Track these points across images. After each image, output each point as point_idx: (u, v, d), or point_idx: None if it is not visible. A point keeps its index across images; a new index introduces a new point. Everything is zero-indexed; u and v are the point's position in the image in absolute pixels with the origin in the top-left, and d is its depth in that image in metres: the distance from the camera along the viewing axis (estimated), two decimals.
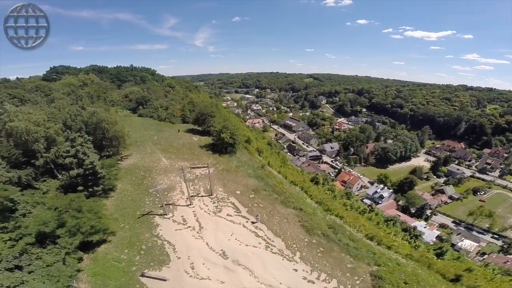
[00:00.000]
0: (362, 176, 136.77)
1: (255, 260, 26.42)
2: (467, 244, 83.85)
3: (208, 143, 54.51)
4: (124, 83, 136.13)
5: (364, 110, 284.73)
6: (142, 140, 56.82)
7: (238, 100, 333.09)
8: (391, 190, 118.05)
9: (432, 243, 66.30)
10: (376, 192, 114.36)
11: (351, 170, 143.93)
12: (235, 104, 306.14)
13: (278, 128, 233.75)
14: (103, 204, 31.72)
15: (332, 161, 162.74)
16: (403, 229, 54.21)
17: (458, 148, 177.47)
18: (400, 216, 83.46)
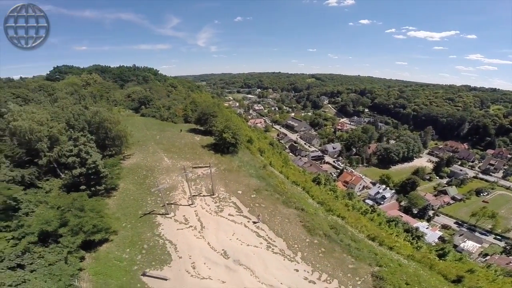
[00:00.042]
0: (364, 177, 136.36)
1: (256, 260, 26.41)
2: (469, 245, 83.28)
3: (210, 143, 54.63)
4: (127, 83, 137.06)
5: (366, 110, 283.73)
6: (145, 139, 57.05)
7: (240, 100, 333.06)
8: (393, 191, 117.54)
9: (434, 244, 66.05)
10: (378, 193, 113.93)
11: (353, 171, 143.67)
12: (237, 104, 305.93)
13: (280, 128, 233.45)
14: (106, 203, 31.87)
15: (334, 161, 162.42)
16: (405, 229, 54.01)
17: (461, 149, 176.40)
18: (402, 216, 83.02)
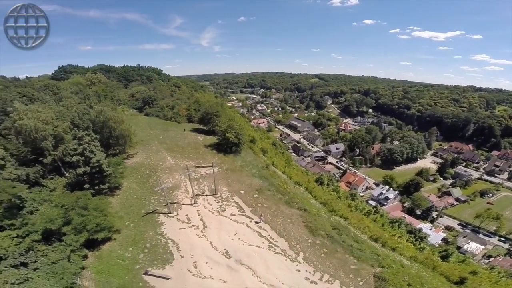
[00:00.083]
0: (367, 177, 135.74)
1: (258, 260, 26.45)
2: (473, 246, 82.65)
3: (213, 143, 54.75)
4: (131, 83, 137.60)
5: (370, 110, 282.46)
6: (148, 139, 57.33)
7: (243, 100, 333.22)
8: (397, 192, 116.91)
9: (438, 246, 65.63)
10: (381, 194, 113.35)
11: (357, 171, 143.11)
12: (240, 104, 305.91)
13: (283, 128, 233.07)
14: (109, 202, 31.98)
15: (337, 162, 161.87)
16: (408, 231, 53.75)
17: (466, 150, 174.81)
18: (405, 218, 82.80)
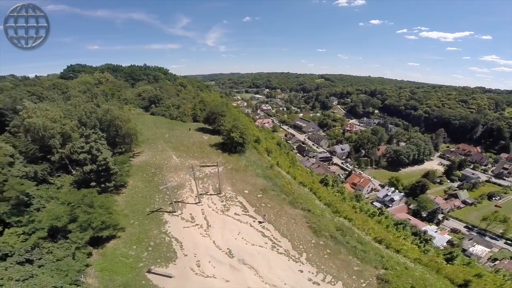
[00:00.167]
0: (373, 179, 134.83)
1: (261, 259, 26.48)
2: (478, 249, 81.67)
3: (218, 142, 54.95)
4: (138, 82, 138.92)
5: (376, 111, 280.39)
6: (154, 138, 57.82)
7: (248, 100, 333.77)
8: (402, 194, 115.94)
9: (443, 248, 64.98)
10: (386, 195, 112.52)
11: (362, 173, 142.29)
12: (245, 104, 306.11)
13: (288, 128, 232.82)
14: (114, 200, 32.38)
15: (342, 163, 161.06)
16: (413, 233, 53.31)
17: (474, 152, 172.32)
18: (410, 219, 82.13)
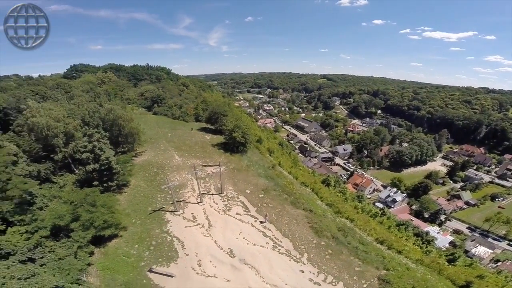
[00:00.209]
0: (375, 179, 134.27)
1: (262, 259, 26.52)
2: (481, 250, 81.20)
3: (220, 142, 55.08)
4: (140, 82, 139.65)
5: (379, 112, 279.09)
6: (156, 137, 58.05)
7: (250, 100, 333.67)
8: (405, 194, 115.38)
9: (445, 249, 64.67)
10: (389, 196, 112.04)
11: (364, 173, 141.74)
12: (247, 103, 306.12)
13: (290, 128, 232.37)
14: (117, 199, 32.56)
15: (344, 163, 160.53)
16: (415, 234, 53.12)
17: (477, 153, 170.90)
18: (412, 220, 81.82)
